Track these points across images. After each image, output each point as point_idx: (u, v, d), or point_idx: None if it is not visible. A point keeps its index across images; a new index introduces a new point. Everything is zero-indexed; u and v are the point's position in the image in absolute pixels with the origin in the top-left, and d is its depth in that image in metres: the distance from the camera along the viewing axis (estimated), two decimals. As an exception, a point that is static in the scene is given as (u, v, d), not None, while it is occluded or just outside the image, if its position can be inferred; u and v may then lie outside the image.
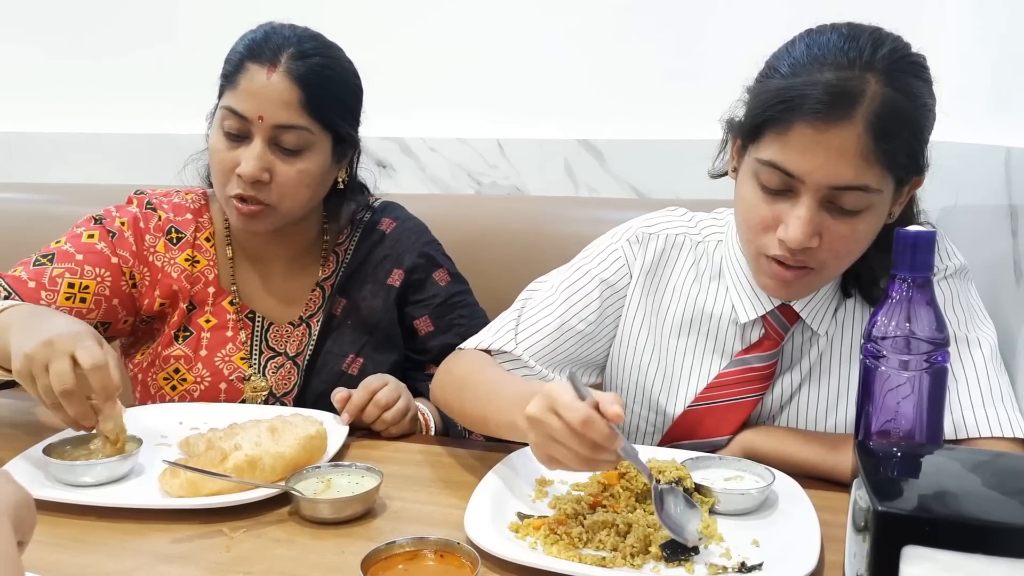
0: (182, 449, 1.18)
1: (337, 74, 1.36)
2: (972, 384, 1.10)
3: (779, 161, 1.03)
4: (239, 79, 1.31)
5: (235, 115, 1.31)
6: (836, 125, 0.99)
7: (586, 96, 1.97)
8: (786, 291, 1.12)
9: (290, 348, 1.44)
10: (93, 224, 1.41)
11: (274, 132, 1.30)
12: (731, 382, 1.20)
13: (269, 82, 1.29)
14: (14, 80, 2.38)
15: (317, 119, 1.32)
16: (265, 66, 1.29)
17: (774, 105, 1.02)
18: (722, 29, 1.82)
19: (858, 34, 1.04)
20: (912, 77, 1.03)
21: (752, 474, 1.07)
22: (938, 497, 0.74)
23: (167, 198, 1.47)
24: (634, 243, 1.27)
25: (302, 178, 1.33)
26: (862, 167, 1.00)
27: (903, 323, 0.89)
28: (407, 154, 2.09)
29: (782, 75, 1.04)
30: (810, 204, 1.03)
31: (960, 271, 1.17)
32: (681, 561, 0.91)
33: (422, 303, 1.50)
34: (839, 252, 1.07)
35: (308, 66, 1.30)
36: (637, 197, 1.96)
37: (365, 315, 1.47)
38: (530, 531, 0.97)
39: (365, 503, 1.03)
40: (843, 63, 1.01)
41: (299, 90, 1.29)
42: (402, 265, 1.49)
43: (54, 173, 2.32)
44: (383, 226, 1.52)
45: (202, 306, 1.43)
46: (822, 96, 0.99)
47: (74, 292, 1.35)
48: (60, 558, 0.93)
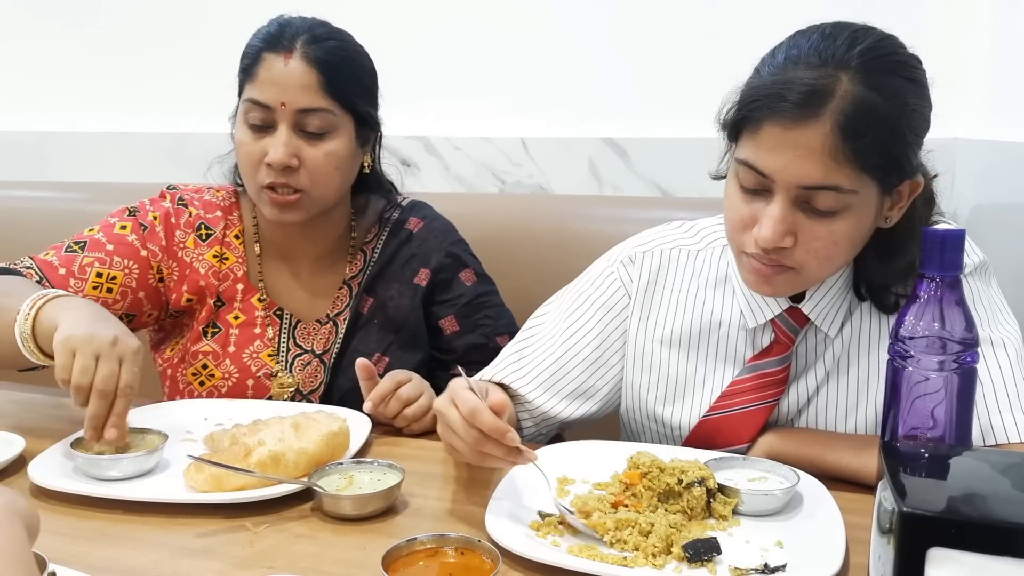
0: (207, 444, 1.19)
1: (352, 55, 1.38)
2: (999, 387, 1.07)
3: (751, 160, 1.04)
4: (257, 70, 1.33)
5: (258, 106, 1.32)
6: (803, 124, 0.99)
7: (611, 94, 1.96)
8: (767, 287, 1.11)
9: (317, 346, 1.45)
10: (127, 215, 1.44)
11: (298, 117, 1.32)
12: (745, 389, 1.19)
13: (288, 68, 1.31)
14: (47, 80, 2.41)
15: (338, 100, 1.34)
16: (282, 54, 1.32)
17: (748, 104, 1.03)
18: (749, 26, 1.80)
19: (838, 32, 1.03)
20: (893, 76, 1.01)
21: (776, 475, 1.06)
22: (965, 499, 0.73)
23: (198, 195, 1.49)
24: (628, 264, 1.27)
25: (330, 160, 1.34)
26: (831, 166, 0.99)
27: (931, 323, 0.87)
28: (431, 153, 2.09)
29: (760, 76, 1.05)
30: (782, 203, 1.02)
31: (980, 267, 1.15)
32: (704, 562, 0.90)
33: (448, 303, 1.50)
34: (818, 253, 1.05)
35: (324, 49, 1.33)
36: (662, 196, 1.95)
37: (392, 314, 1.47)
38: (551, 530, 0.97)
39: (387, 500, 1.03)
40: (815, 62, 1.00)
41: (318, 72, 1.31)
42: (429, 264, 1.49)
43: (86, 172, 2.35)
44: (411, 225, 1.52)
45: (231, 303, 1.45)
46: (790, 95, 0.99)
47: (101, 282, 1.38)
48: (85, 550, 0.95)
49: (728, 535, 0.97)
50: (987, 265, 1.16)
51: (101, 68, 2.34)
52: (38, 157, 2.42)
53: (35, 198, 2.13)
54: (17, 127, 2.44)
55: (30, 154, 2.43)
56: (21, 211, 2.09)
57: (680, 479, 1.00)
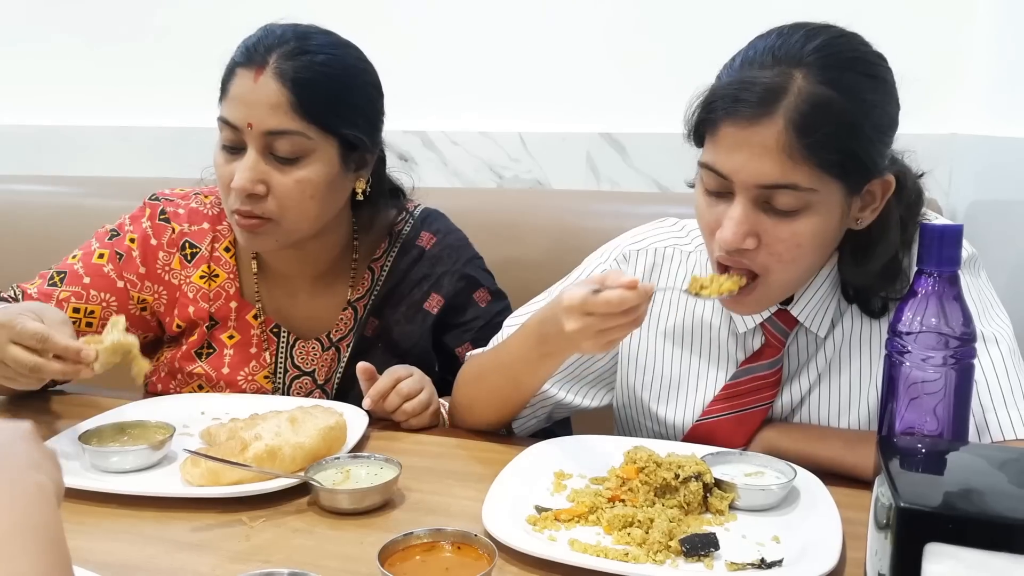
0: (204, 439, 1.19)
1: (337, 72, 1.24)
2: (992, 384, 1.07)
3: (711, 162, 1.04)
4: (230, 87, 1.24)
5: (228, 125, 1.23)
6: (757, 123, 0.99)
7: (608, 89, 1.96)
8: (740, 307, 1.12)
9: (319, 374, 1.40)
10: (107, 239, 1.39)
11: (266, 140, 1.21)
12: (739, 393, 1.18)
13: (256, 86, 1.20)
14: (41, 74, 2.41)
15: (313, 122, 1.22)
16: (252, 70, 1.21)
17: (706, 107, 1.04)
18: (746, 22, 1.80)
19: (794, 31, 1.03)
20: (849, 72, 1.00)
21: (773, 470, 1.06)
22: (962, 494, 0.73)
23: (184, 202, 1.41)
24: (622, 261, 1.27)
25: (303, 189, 1.23)
26: (787, 164, 0.99)
27: (929, 319, 0.87)
28: (429, 148, 2.09)
29: (720, 80, 1.05)
30: (742, 204, 1.02)
31: (969, 260, 1.14)
32: (700, 556, 0.90)
33: (463, 327, 1.43)
34: (782, 256, 1.04)
35: (299, 64, 1.21)
36: (659, 191, 1.95)
37: (397, 338, 1.41)
38: (548, 524, 0.97)
39: (384, 494, 1.03)
40: (768, 62, 1.01)
41: (288, 91, 1.20)
42: (441, 290, 1.42)
43: (81, 166, 2.34)
44: (422, 241, 1.43)
45: (225, 321, 1.39)
46: (743, 95, 1.00)
47: (80, 317, 1.34)
48: (81, 544, 0.94)
49: (725, 530, 0.97)
50: (976, 258, 1.15)
51: (99, 61, 2.34)
52: (35, 151, 2.42)
53: (32, 192, 2.13)
54: (14, 121, 2.43)
55: (27, 148, 2.42)
56: (18, 205, 2.09)
57: (677, 474, 1.00)
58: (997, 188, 1.57)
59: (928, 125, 1.74)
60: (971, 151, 1.70)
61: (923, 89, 1.75)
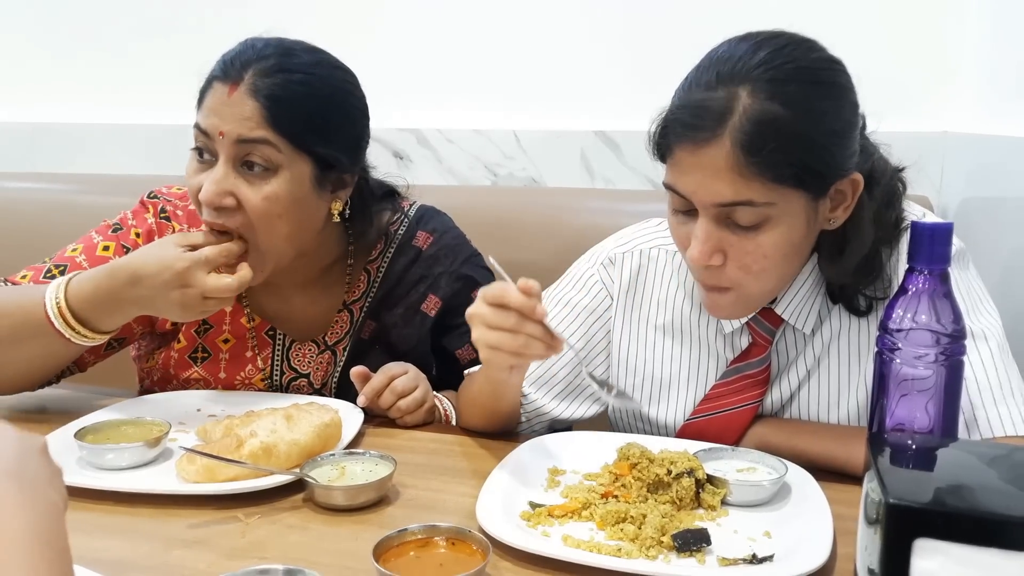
0: (199, 436, 1.19)
1: (316, 90, 1.23)
2: (982, 381, 1.07)
3: (672, 183, 1.06)
4: (206, 97, 1.23)
5: (200, 132, 1.22)
6: (706, 144, 1.00)
7: (603, 87, 1.96)
8: (717, 310, 1.13)
9: (315, 378, 1.39)
10: (111, 233, 1.37)
11: (237, 149, 1.19)
12: (728, 392, 1.19)
13: (230, 100, 1.19)
14: (38, 69, 2.40)
15: (284, 135, 1.19)
16: (228, 84, 1.20)
17: (660, 131, 1.07)
18: (741, 20, 1.80)
19: (739, 44, 1.03)
20: (795, 84, 1.00)
21: (765, 466, 1.07)
22: (951, 490, 0.73)
23: (183, 203, 1.40)
24: (608, 265, 1.28)
25: (270, 206, 1.20)
26: (739, 182, 1.00)
27: (919, 316, 0.88)
28: (424, 145, 2.09)
29: (673, 101, 1.07)
30: (705, 222, 1.04)
31: (958, 255, 1.14)
32: (693, 551, 0.91)
33: (461, 329, 1.38)
34: (750, 268, 1.05)
35: (275, 82, 1.19)
36: (653, 188, 1.95)
37: (395, 341, 1.41)
38: (542, 520, 0.98)
39: (379, 490, 1.04)
40: (712, 82, 1.01)
41: (261, 104, 1.19)
42: (438, 291, 1.41)
43: (76, 163, 2.34)
44: (419, 241, 1.43)
45: (219, 324, 1.38)
46: (688, 119, 1.01)
47: None
48: (76, 542, 0.93)
49: (717, 525, 0.98)
50: (964, 252, 1.15)
51: (94, 58, 2.33)
52: (29, 148, 2.41)
53: (26, 189, 2.13)
54: (8, 118, 2.43)
55: (21, 145, 2.42)
56: (12, 202, 2.09)
57: (669, 470, 1.01)
58: (988, 186, 1.58)
59: (920, 123, 1.75)
60: (962, 149, 1.71)
61: (915, 87, 1.77)
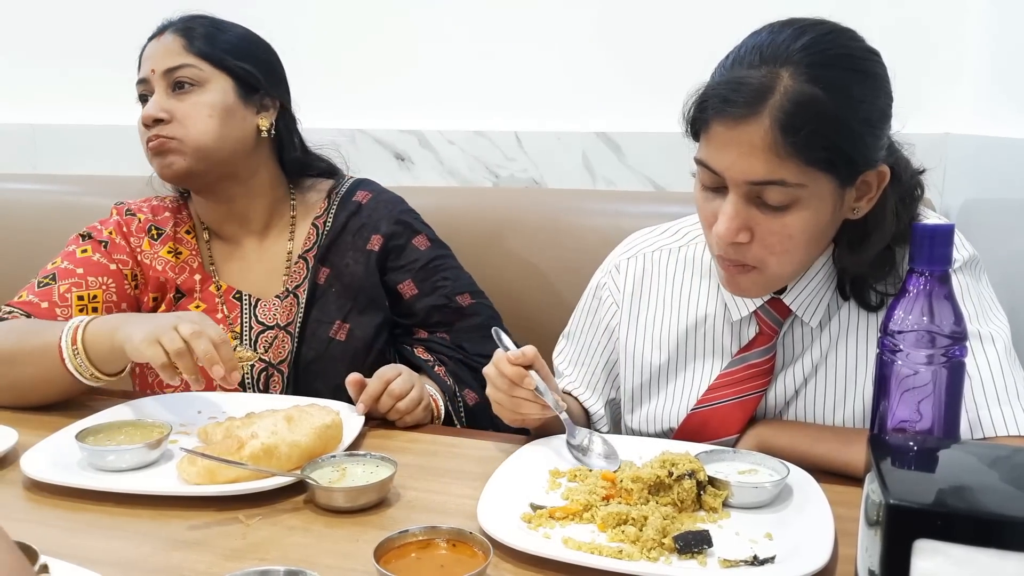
0: (200, 437, 1.19)
1: (230, 30, 1.47)
2: (987, 382, 1.08)
3: (705, 159, 1.07)
4: (141, 57, 1.46)
5: (140, 83, 1.45)
6: (744, 121, 1.01)
7: (604, 89, 1.96)
8: (735, 287, 1.14)
9: (280, 318, 1.49)
10: (82, 240, 1.48)
11: (166, 78, 1.42)
12: (732, 381, 1.20)
13: (158, 43, 1.44)
14: (39, 71, 2.40)
15: (204, 57, 1.42)
16: (157, 37, 1.45)
17: (698, 106, 1.07)
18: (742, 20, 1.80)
19: (784, 29, 1.05)
20: (837, 69, 1.02)
21: (766, 467, 1.07)
22: (951, 491, 0.73)
23: (146, 203, 1.55)
24: (615, 273, 1.31)
25: (200, 108, 1.41)
26: (774, 162, 1.00)
27: (920, 317, 0.88)
28: (425, 147, 2.09)
29: (713, 78, 1.08)
30: (734, 199, 1.05)
31: (970, 262, 1.15)
32: (694, 553, 0.91)
33: (403, 268, 1.54)
34: (774, 248, 1.06)
35: (195, 23, 1.45)
36: (654, 190, 1.95)
37: (348, 282, 1.52)
38: (542, 521, 0.98)
39: (379, 492, 1.04)
40: (755, 61, 1.03)
41: (182, 39, 1.43)
42: (379, 231, 1.54)
43: (78, 164, 2.34)
44: (359, 197, 1.57)
45: (191, 294, 1.49)
46: (731, 95, 1.02)
47: (85, 303, 1.41)
48: (78, 543, 0.95)
49: (718, 527, 0.98)
50: (977, 260, 1.16)
51: (94, 60, 2.33)
52: (30, 149, 2.42)
53: (27, 191, 2.13)
54: (9, 119, 2.43)
55: (22, 146, 2.42)
56: (13, 204, 2.09)
57: (671, 472, 1.01)
58: (990, 187, 1.58)
59: (922, 125, 1.75)
60: (965, 150, 1.71)
61: (917, 89, 1.76)
